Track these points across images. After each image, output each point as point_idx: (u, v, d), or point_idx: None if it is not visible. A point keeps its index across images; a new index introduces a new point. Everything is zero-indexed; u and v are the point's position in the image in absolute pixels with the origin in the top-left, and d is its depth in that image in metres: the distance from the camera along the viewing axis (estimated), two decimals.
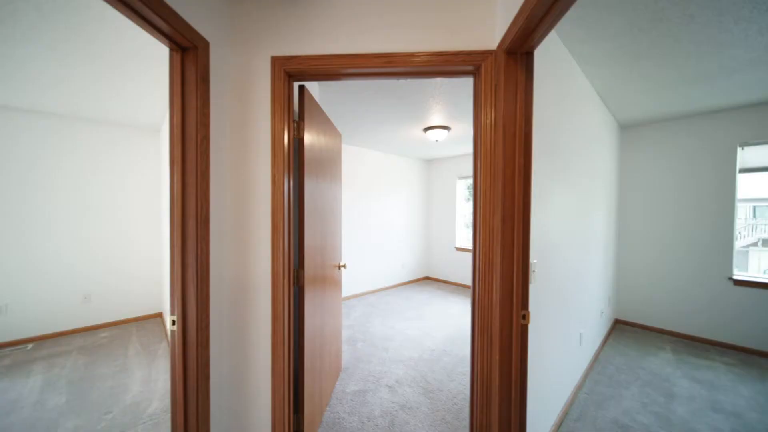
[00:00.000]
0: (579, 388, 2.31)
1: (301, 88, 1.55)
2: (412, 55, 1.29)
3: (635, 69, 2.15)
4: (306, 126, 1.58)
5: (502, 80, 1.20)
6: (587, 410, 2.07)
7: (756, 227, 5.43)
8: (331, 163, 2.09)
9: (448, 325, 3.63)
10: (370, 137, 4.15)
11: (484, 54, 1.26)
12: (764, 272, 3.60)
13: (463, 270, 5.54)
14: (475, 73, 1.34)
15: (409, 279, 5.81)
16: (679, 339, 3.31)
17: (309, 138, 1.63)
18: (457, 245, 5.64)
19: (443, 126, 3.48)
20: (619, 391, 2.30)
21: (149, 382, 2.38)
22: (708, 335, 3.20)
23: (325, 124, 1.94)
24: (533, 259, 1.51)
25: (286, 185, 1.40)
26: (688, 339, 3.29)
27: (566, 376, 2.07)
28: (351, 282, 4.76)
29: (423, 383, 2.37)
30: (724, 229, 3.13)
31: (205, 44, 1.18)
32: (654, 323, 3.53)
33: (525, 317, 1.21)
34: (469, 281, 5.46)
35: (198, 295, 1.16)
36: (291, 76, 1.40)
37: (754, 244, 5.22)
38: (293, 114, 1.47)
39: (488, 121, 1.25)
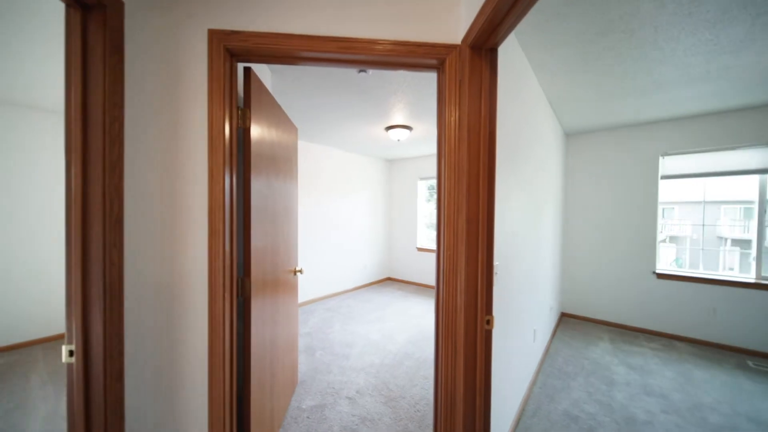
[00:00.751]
0: (533, 383, 2.40)
1: (247, 71, 1.36)
2: (373, 42, 1.19)
3: (582, 79, 2.30)
4: (254, 115, 1.39)
5: (467, 76, 1.15)
6: (541, 404, 2.14)
7: (665, 226, 6.37)
8: (285, 159, 1.91)
9: (410, 326, 3.60)
10: (330, 134, 3.97)
11: (449, 48, 1.20)
12: (673, 263, 4.13)
13: (424, 270, 5.60)
14: (439, 68, 1.28)
15: (371, 280, 5.72)
16: (614, 329, 3.65)
17: (258, 129, 1.44)
18: (419, 245, 5.68)
19: (405, 125, 3.44)
20: (568, 383, 2.43)
21: (55, 419, 1.95)
22: (637, 324, 3.58)
23: (277, 115, 1.75)
24: (495, 261, 1.50)
25: (228, 182, 1.21)
26: (622, 328, 3.65)
27: (523, 373, 2.13)
28: (310, 286, 4.52)
29: (385, 391, 2.28)
30: (649, 228, 3.53)
31: (118, 3, 0.95)
32: (594, 315, 3.87)
33: (489, 322, 1.18)
34: (430, 281, 5.53)
35: (107, 316, 0.93)
36: (234, 55, 1.21)
37: (663, 241, 6.08)
38: (237, 100, 1.28)
39: (453, 119, 1.20)
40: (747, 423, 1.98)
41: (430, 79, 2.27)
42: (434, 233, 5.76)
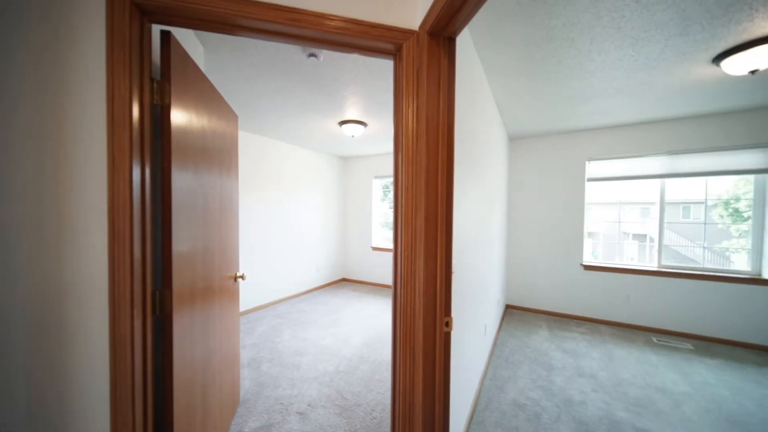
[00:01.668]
0: (485, 375, 2.48)
1: (166, 35, 1.11)
2: (323, 16, 1.05)
3: (527, 85, 2.43)
4: (176, 91, 1.15)
5: (425, 65, 1.09)
6: (492, 396, 2.22)
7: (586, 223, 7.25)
8: (222, 150, 1.65)
9: (366, 327, 3.51)
10: (279, 126, 3.67)
11: (406, 33, 1.12)
12: (590, 255, 4.69)
13: (379, 269, 5.55)
14: (395, 55, 1.19)
15: (325, 282, 5.49)
16: (551, 317, 4.01)
17: (183, 110, 1.20)
18: (374, 245, 5.62)
19: (359, 121, 3.33)
20: (514, 372, 2.57)
21: None
22: (569, 311, 3.98)
23: (211, 96, 1.50)
24: (453, 260, 1.47)
25: (139, 172, 0.97)
26: (557, 316, 4.03)
27: (476, 368, 2.18)
28: (257, 292, 4.15)
29: (339, 400, 2.14)
30: (577, 225, 3.94)
31: None
32: (534, 305, 4.21)
33: (448, 324, 1.13)
34: (385, 280, 5.50)
35: None
36: (145, 13, 0.97)
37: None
38: (150, 70, 1.04)
39: (410, 110, 1.12)
40: (657, 393, 2.29)
41: (385, 72, 2.19)
42: (389, 232, 5.76)
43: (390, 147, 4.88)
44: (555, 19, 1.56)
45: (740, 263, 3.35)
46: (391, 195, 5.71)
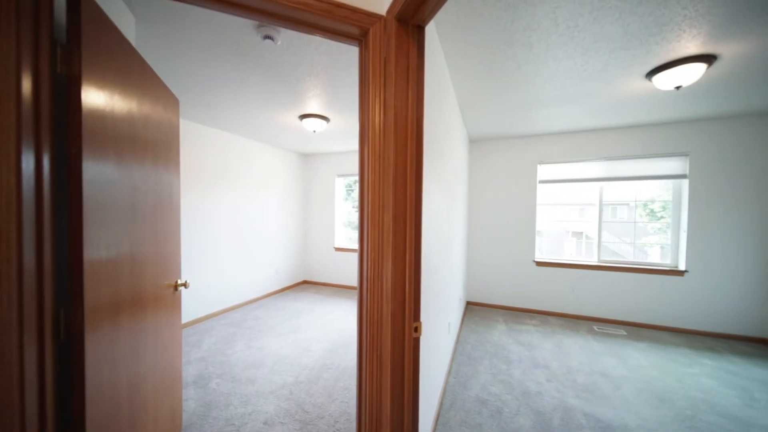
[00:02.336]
0: (449, 373, 2.50)
1: None
2: None
3: (488, 88, 2.50)
4: (90, 60, 0.93)
5: (393, 53, 1.01)
6: (456, 394, 2.23)
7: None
8: (158, 139, 1.42)
9: (330, 332, 3.36)
10: (231, 117, 3.36)
11: (372, 17, 1.04)
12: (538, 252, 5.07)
13: (343, 270, 5.41)
14: (361, 41, 1.10)
15: (285, 285, 5.19)
16: (507, 311, 4.22)
17: (100, 85, 0.98)
18: (337, 245, 5.45)
19: (321, 116, 3.17)
20: (476, 368, 2.62)
21: None
22: (523, 305, 4.23)
23: (141, 74, 1.27)
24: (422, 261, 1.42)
25: (32, 160, 0.76)
26: (513, 310, 4.25)
27: (441, 367, 2.17)
28: (207, 299, 3.76)
29: (300, 414, 1.99)
30: (530, 224, 4.20)
31: None
32: (492, 301, 4.40)
33: (417, 329, 1.07)
34: (349, 281, 5.37)
35: None
36: None
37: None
38: (52, 29, 0.82)
39: (377, 101, 1.04)
40: (600, 378, 2.49)
41: (349, 65, 2.08)
42: (353, 232, 5.64)
43: (354, 145, 4.76)
44: (517, 23, 1.60)
45: (655, 257, 3.83)
46: (354, 194, 5.60)
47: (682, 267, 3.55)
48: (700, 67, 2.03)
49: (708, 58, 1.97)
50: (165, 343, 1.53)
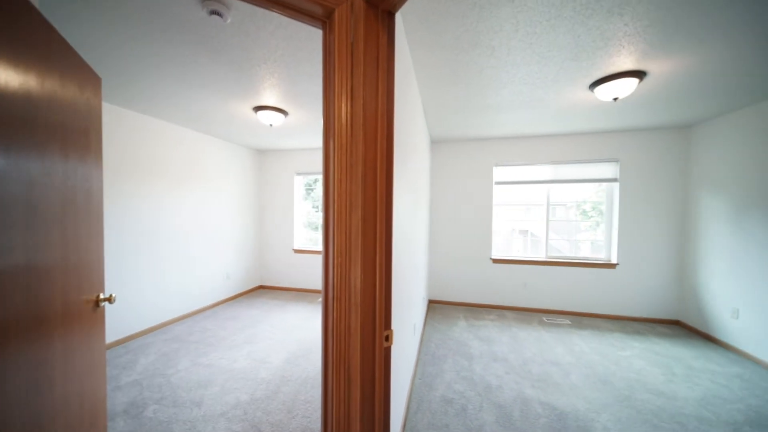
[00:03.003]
0: (414, 375, 2.47)
1: None
2: None
3: (451, 90, 2.53)
4: None
5: (362, 37, 0.93)
6: (423, 396, 2.21)
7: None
8: (70, 124, 1.15)
9: (289, 341, 3.14)
10: (174, 106, 2.97)
11: None
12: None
13: (303, 273, 5.15)
14: (325, 23, 1.00)
15: (238, 292, 4.79)
16: (467, 308, 4.37)
17: None
18: (296, 247, 5.19)
19: (279, 108, 2.95)
20: (441, 367, 2.64)
21: None
22: (481, 301, 4.41)
23: (44, 41, 1.01)
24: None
25: None
26: (472, 306, 4.41)
27: (408, 370, 2.13)
28: (142, 312, 3.29)
29: None
30: (487, 224, 4.40)
31: None
32: (452, 299, 4.52)
33: (388, 338, 1.00)
34: (310, 284, 5.13)
35: None
36: None
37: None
38: None
39: (344, 90, 0.95)
40: (552, 366, 2.67)
41: (310, 55, 1.94)
42: (314, 233, 5.40)
43: (315, 142, 4.56)
44: (482, 23, 1.61)
45: (592, 252, 4.26)
46: (314, 194, 5.38)
47: (614, 261, 3.99)
48: (633, 82, 2.26)
49: (640, 74, 2.20)
50: (82, 370, 1.26)
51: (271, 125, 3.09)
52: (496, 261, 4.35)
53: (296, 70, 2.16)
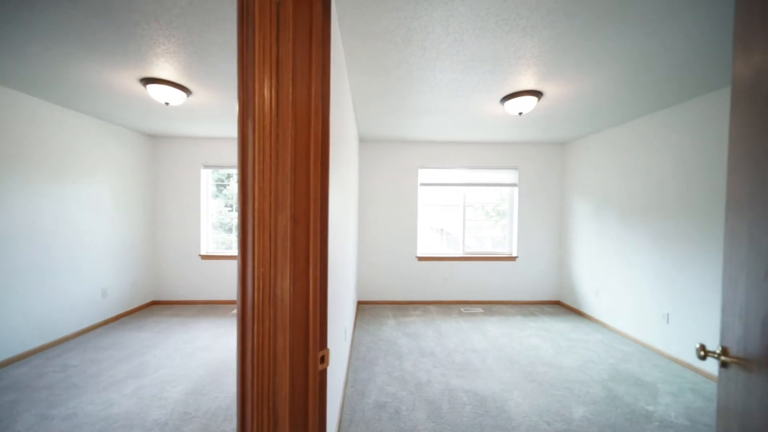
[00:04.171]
0: (345, 383, 2.34)
1: None
2: None
3: (382, 87, 2.48)
4: None
5: None
6: (355, 405, 2.10)
7: None
8: None
9: (192, 366, 2.61)
10: (25, 70, 2.12)
11: None
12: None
13: (214, 282, 4.42)
14: None
15: (121, 311, 3.80)
16: (395, 306, 4.45)
17: None
18: (203, 252, 4.43)
19: (178, 84, 2.41)
20: (372, 371, 2.58)
21: None
22: (408, 298, 4.56)
23: None
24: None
25: None
26: (399, 304, 4.52)
27: (339, 380, 1.99)
28: None
29: None
30: (413, 223, 4.58)
31: None
32: (381, 298, 4.55)
33: (324, 359, 0.85)
34: (222, 295, 4.44)
35: None
36: None
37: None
38: None
39: (268, 58, 0.76)
40: (472, 354, 2.90)
41: (222, 18, 1.61)
42: (226, 235, 4.71)
43: (229, 130, 3.95)
44: (416, 21, 1.59)
45: (499, 248, 4.90)
46: (227, 191, 4.70)
47: (515, 254, 4.64)
48: (533, 100, 2.63)
49: (538, 94, 2.57)
50: None
51: (167, 104, 2.51)
52: (421, 259, 4.56)
53: (203, 38, 1.77)
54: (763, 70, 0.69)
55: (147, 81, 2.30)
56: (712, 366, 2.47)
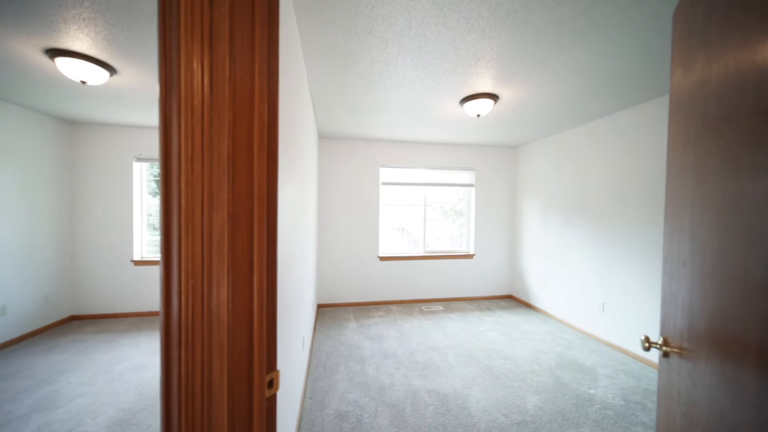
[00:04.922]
0: (304, 395, 2.19)
1: None
2: None
3: (342, 81, 2.36)
4: None
5: None
6: (314, 418, 1.96)
7: None
8: None
9: (119, 391, 2.24)
10: None
11: None
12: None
13: (148, 291, 3.90)
14: None
15: (26, 332, 3.16)
16: (357, 307, 4.34)
17: None
18: (136, 257, 3.88)
19: (98, 60, 2.04)
20: (333, 378, 2.45)
21: None
22: (369, 299, 4.48)
23: None
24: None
25: None
26: (361, 305, 4.42)
27: (296, 393, 1.83)
28: None
29: None
30: (375, 223, 4.52)
31: None
32: (342, 300, 4.41)
33: (273, 383, 0.73)
34: (157, 306, 3.93)
35: None
36: None
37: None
38: None
39: (198, 22, 0.62)
40: (433, 352, 2.92)
41: None
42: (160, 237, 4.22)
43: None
44: (378, 10, 1.51)
45: (457, 246, 5.07)
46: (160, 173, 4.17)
47: (472, 252, 4.82)
48: (490, 103, 2.71)
49: (495, 97, 2.66)
50: None
51: (83, 82, 2.10)
52: (383, 258, 4.51)
53: (128, 5, 1.50)
54: (700, 82, 0.73)
55: (55, 53, 1.90)
56: (638, 348, 2.78)
